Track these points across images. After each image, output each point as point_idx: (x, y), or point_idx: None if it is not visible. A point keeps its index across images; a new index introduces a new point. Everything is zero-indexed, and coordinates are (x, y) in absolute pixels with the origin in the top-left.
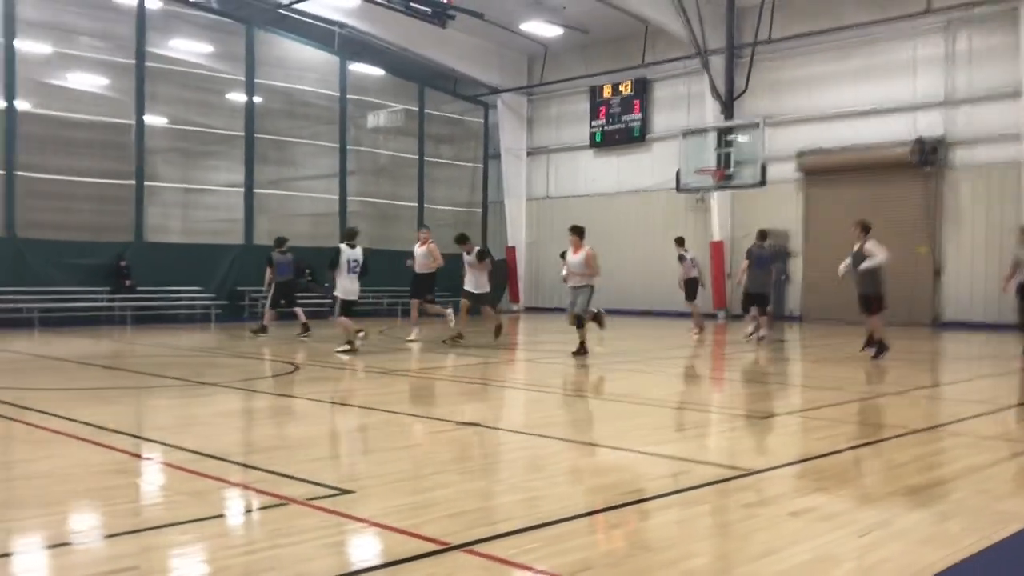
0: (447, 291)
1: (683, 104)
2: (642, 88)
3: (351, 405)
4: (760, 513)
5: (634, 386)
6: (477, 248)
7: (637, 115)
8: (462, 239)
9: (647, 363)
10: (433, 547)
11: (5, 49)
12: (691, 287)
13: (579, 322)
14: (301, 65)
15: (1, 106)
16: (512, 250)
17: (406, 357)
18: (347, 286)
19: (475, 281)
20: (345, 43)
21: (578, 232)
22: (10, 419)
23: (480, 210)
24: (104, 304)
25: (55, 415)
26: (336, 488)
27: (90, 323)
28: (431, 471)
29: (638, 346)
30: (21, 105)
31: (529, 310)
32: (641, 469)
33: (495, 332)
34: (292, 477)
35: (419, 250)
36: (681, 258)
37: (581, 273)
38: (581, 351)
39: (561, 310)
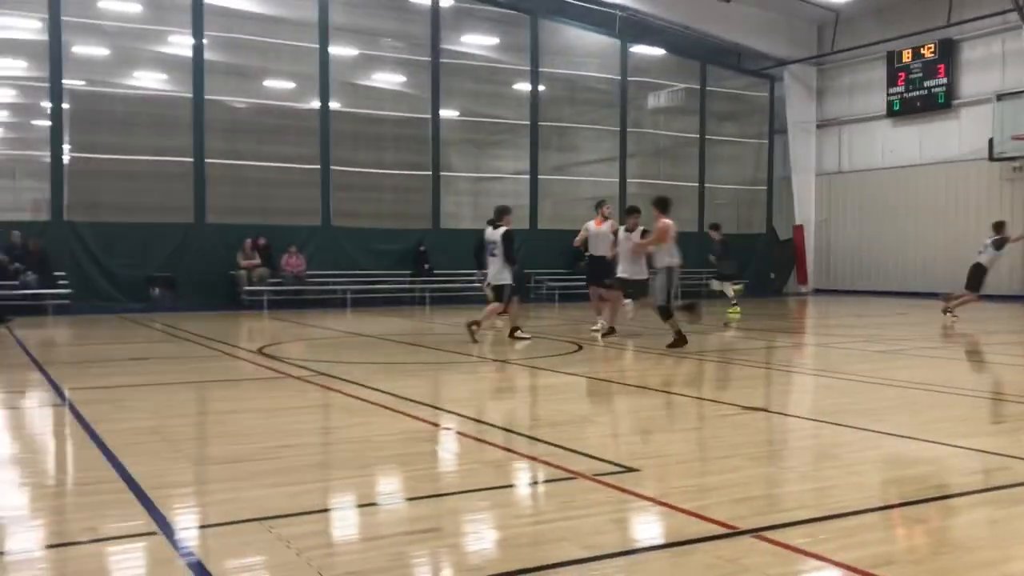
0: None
1: (997, 64)
2: (947, 50)
3: (632, 385)
4: None
5: (940, 373)
6: (642, 228)
7: (941, 79)
8: (633, 211)
9: (956, 349)
10: (721, 530)
11: (320, 54)
12: (978, 275)
13: (662, 314)
14: (582, 51)
15: (317, 106)
16: (800, 228)
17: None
18: (488, 270)
19: (630, 266)
20: (626, 26)
21: (658, 205)
22: (328, 388)
23: (765, 188)
24: (406, 286)
25: (365, 386)
26: (621, 465)
27: (393, 303)
28: (716, 454)
29: (946, 330)
30: (333, 105)
31: (819, 292)
32: (947, 463)
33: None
34: (578, 452)
35: (596, 228)
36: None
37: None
38: (676, 342)
39: (856, 292)
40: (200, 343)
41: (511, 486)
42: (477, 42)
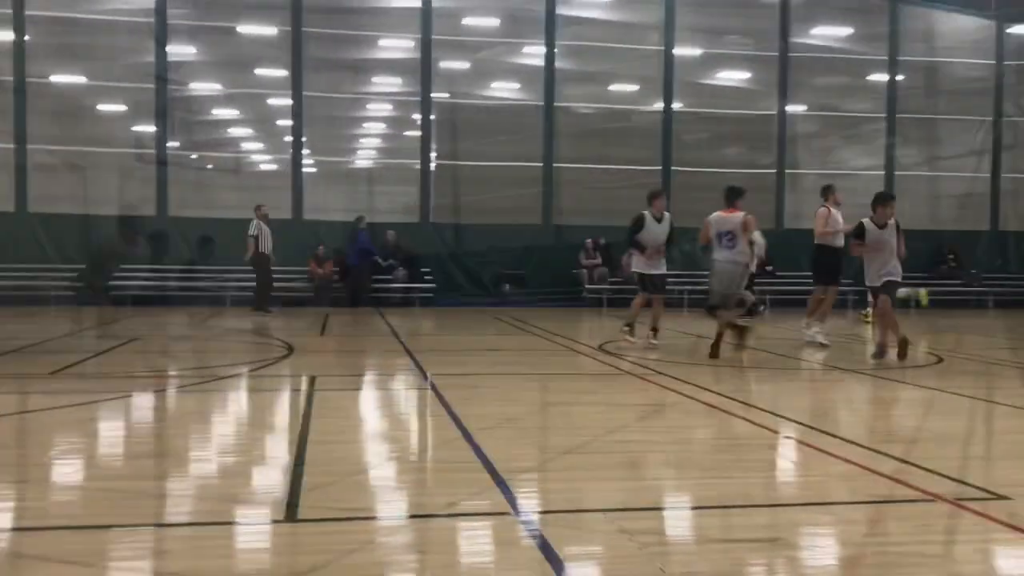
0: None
1: None
2: None
3: (1004, 404)
4: None
5: None
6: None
7: None
8: (885, 198)
9: None
10: None
11: (665, 55)
12: None
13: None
14: (949, 35)
15: (660, 107)
16: None
17: None
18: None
19: (888, 264)
20: (1003, 3)
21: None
22: (665, 387)
23: None
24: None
25: (701, 387)
26: (988, 491)
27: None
28: None
29: None
30: (675, 105)
31: None
32: None
33: (901, 349)
34: (936, 473)
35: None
36: None
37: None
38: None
39: None
40: (545, 337)
41: (859, 502)
42: (829, 33)
